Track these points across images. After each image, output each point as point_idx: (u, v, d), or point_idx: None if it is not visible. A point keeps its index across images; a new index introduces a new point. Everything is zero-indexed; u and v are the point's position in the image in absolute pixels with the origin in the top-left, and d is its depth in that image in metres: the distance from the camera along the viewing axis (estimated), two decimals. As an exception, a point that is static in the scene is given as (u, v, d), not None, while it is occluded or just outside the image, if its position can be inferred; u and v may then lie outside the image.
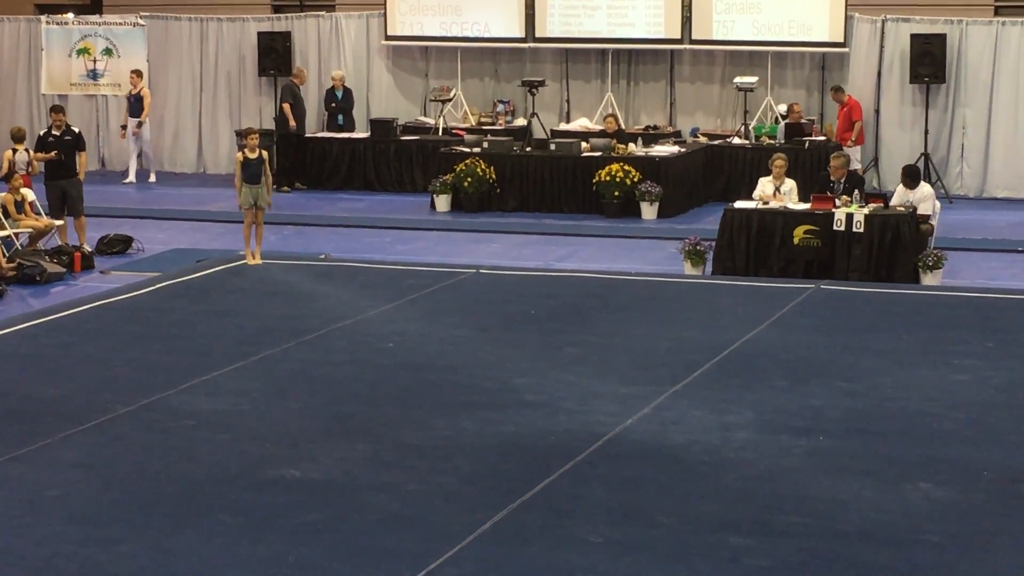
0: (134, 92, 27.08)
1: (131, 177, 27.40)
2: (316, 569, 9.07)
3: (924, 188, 19.31)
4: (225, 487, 10.56)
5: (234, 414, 12.43)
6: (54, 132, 20.38)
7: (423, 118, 27.26)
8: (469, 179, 23.38)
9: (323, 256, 19.65)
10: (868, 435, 11.75)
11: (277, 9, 29.39)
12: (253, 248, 18.67)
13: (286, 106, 26.07)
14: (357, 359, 14.34)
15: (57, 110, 21.20)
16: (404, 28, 27.47)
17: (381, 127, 26.23)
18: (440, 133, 26.19)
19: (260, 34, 27.81)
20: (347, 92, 27.15)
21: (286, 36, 27.77)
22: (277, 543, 9.47)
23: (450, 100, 26.84)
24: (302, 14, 28.54)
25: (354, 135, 26.78)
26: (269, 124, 26.92)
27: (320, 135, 26.88)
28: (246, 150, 18.68)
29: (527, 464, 11.05)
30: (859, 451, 11.34)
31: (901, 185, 19.15)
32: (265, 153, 19.14)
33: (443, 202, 23.61)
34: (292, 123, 25.96)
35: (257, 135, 19.13)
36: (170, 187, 27.08)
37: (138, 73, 27.34)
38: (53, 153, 20.10)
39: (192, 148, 28.86)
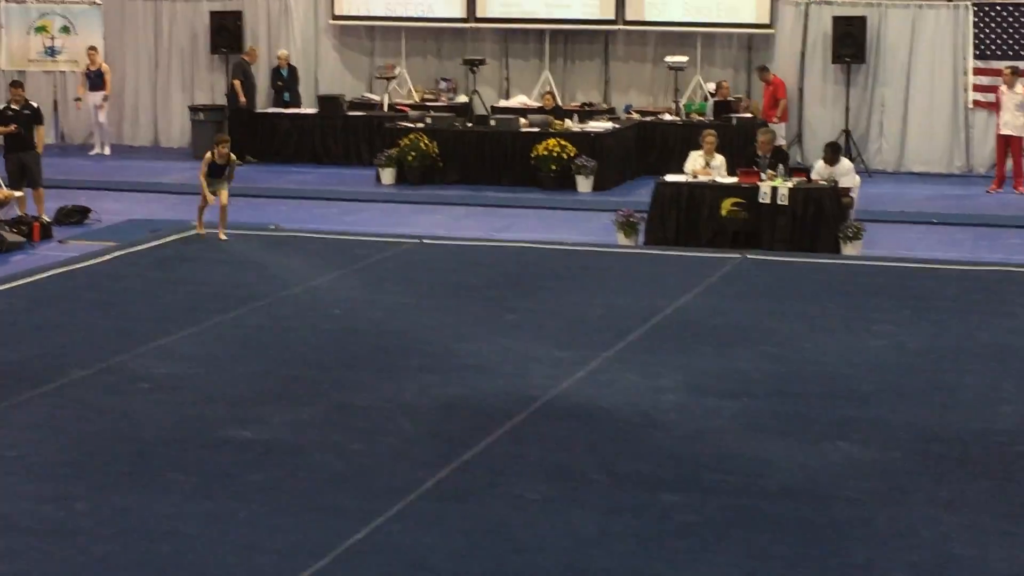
0: (93, 68, 26.86)
1: (98, 148, 27.28)
2: (265, 526, 9.05)
3: (844, 163, 19.43)
4: (178, 447, 10.52)
5: (187, 377, 12.37)
6: (13, 106, 20.14)
7: (369, 95, 27.19)
8: (413, 153, 23.34)
9: (273, 226, 19.55)
10: (791, 397, 11.82)
11: (229, -10, 29.21)
12: (216, 224, 18.61)
13: (237, 83, 25.95)
14: (305, 325, 14.29)
15: (16, 85, 20.97)
16: (351, 8, 27.39)
17: (329, 103, 26.18)
18: (385, 109, 26.15)
19: (212, 13, 27.65)
20: (292, 70, 27.10)
21: (237, 15, 27.65)
22: (228, 500, 9.47)
23: (395, 78, 26.77)
24: (254, -6, 28.38)
25: (303, 111, 26.71)
26: (221, 100, 26.86)
27: (270, 111, 26.78)
28: (216, 153, 18.57)
29: (468, 425, 11.05)
30: (782, 412, 11.40)
31: (822, 160, 19.25)
32: (233, 156, 19.05)
33: (388, 175, 23.54)
34: (243, 99, 25.85)
35: (228, 142, 19.05)
36: (126, 159, 26.92)
37: (95, 49, 27.12)
38: (12, 127, 19.87)
39: (147, 123, 28.71)
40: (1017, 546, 8.76)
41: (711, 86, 25.48)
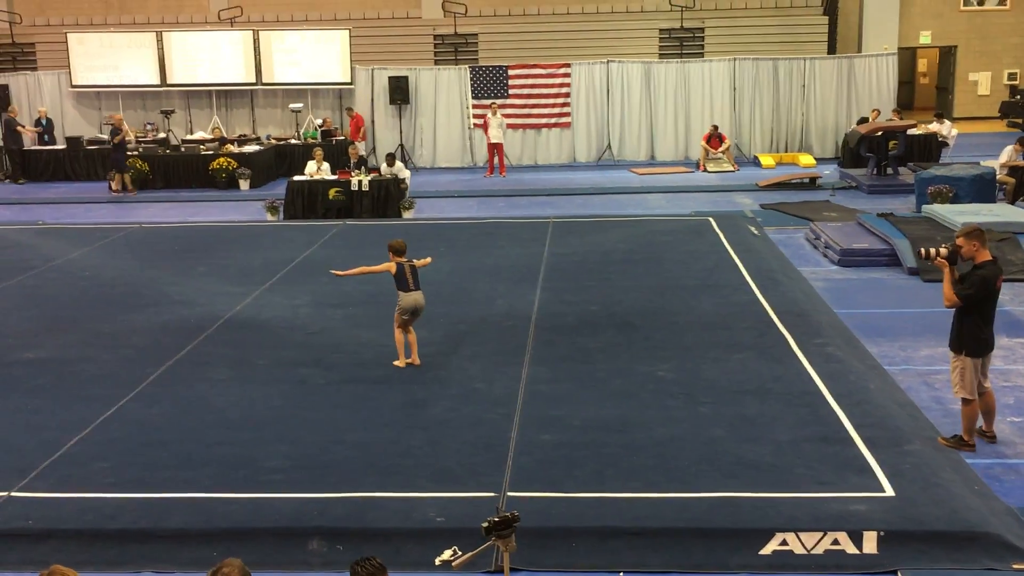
0: None
1: None
2: (47, 412, 8.64)
3: (398, 164, 19.48)
4: (-16, 368, 9.80)
5: (-13, 323, 11.50)
6: None
7: (100, 135, 25.51)
8: (132, 171, 22.13)
9: (40, 222, 18.20)
10: (380, 306, 11.83)
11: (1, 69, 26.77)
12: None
13: (24, 127, 23.85)
14: (66, 282, 13.44)
15: None
16: (84, 80, 25.63)
17: (73, 141, 24.43)
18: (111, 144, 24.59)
19: (-14, 85, 25.33)
20: (49, 120, 25.14)
21: (4, 88, 25.40)
22: (22, 397, 8.99)
23: (115, 124, 25.22)
24: (15, 73, 26.16)
25: (57, 147, 24.85)
26: (-2, 142, 24.65)
27: (34, 148, 24.76)
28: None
29: (178, 337, 10.72)
30: (374, 315, 11.42)
31: (385, 163, 19.33)
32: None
33: (116, 185, 22.21)
34: (30, 133, 23.77)
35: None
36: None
37: None
38: None
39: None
40: (508, 376, 9.14)
41: (319, 121, 25.14)
